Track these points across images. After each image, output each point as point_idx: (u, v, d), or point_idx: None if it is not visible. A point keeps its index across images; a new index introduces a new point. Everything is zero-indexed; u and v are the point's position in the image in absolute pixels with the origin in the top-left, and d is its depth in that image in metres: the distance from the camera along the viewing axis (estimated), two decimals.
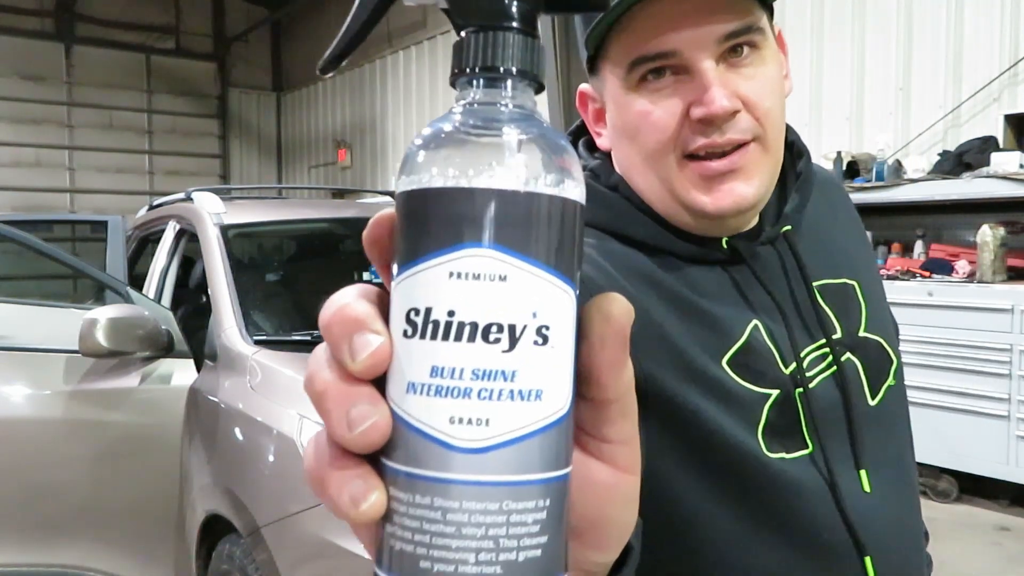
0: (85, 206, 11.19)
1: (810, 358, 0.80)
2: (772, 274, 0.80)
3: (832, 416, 0.79)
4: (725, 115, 0.70)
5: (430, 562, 0.28)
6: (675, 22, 0.69)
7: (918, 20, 5.24)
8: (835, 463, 0.77)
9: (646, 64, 0.72)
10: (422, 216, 0.29)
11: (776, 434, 0.75)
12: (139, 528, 2.60)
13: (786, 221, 0.82)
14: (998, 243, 4.22)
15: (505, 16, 0.31)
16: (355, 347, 0.31)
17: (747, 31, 0.71)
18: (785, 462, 0.75)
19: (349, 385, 0.31)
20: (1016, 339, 4.03)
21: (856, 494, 0.77)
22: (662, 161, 0.74)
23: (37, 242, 2.71)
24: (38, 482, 2.62)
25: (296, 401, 2.13)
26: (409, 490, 0.29)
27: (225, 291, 2.57)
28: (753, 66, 0.73)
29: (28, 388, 2.66)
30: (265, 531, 1.99)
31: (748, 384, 0.76)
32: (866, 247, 0.96)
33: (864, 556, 0.76)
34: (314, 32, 12.44)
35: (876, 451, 0.81)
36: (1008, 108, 4.70)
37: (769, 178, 0.76)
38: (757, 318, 0.78)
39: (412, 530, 0.29)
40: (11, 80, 11.00)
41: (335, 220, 3.48)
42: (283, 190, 9.51)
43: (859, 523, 0.76)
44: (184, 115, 12.55)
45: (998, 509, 4.21)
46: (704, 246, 0.78)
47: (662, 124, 0.73)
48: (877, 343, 0.85)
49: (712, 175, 0.73)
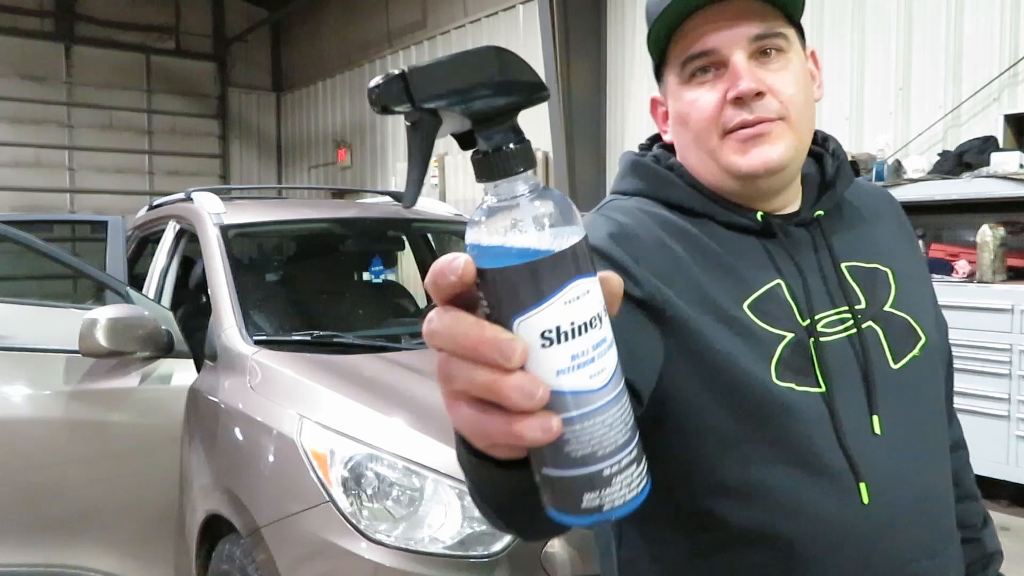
0: (85, 206, 11.18)
1: (829, 320, 0.91)
2: (802, 249, 0.94)
3: (847, 368, 0.90)
4: (751, 94, 0.88)
5: (587, 449, 0.46)
6: (715, 27, 0.89)
7: (918, 20, 5.24)
8: (845, 404, 0.88)
9: (694, 62, 0.91)
10: (537, 276, 0.45)
11: (788, 368, 0.88)
12: (139, 528, 2.60)
13: (820, 207, 0.97)
14: (998, 243, 4.22)
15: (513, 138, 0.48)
16: (507, 353, 0.43)
17: (773, 35, 0.90)
18: (793, 392, 0.87)
19: (513, 375, 0.44)
20: (1016, 339, 4.03)
21: (862, 430, 0.88)
22: (707, 138, 0.92)
23: (37, 242, 2.71)
24: (38, 482, 2.61)
25: (296, 401, 2.13)
26: (568, 424, 0.46)
27: (225, 291, 2.57)
28: (778, 64, 0.90)
29: (28, 388, 2.66)
30: (265, 531, 1.99)
31: (765, 325, 0.89)
32: (912, 251, 1.05)
33: (860, 482, 0.86)
34: (314, 32, 12.43)
35: (896, 406, 0.90)
36: (1008, 108, 4.70)
37: (794, 150, 0.91)
38: (781, 279, 0.92)
39: (572, 441, 0.46)
40: (11, 80, 10.99)
41: (335, 220, 3.48)
42: (283, 190, 9.51)
43: (858, 454, 0.86)
44: (184, 115, 12.54)
45: (998, 509, 4.21)
46: (742, 218, 0.94)
47: (707, 108, 0.91)
48: (903, 319, 0.95)
49: (745, 139, 0.90)
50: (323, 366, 2.31)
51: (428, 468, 1.87)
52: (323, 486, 1.90)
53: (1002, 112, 4.64)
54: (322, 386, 2.17)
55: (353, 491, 1.88)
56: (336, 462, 1.92)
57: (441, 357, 0.46)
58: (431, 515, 1.83)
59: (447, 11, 9.70)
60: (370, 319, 3.29)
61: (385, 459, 1.90)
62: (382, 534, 1.82)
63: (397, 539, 1.81)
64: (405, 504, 1.86)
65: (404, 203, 0.52)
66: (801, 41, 0.95)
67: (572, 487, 0.47)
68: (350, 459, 1.92)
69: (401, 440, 1.95)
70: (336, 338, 2.53)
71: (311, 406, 2.09)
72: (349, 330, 2.73)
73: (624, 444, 0.47)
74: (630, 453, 0.48)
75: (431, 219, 3.61)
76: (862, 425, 0.88)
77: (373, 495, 1.88)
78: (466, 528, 1.81)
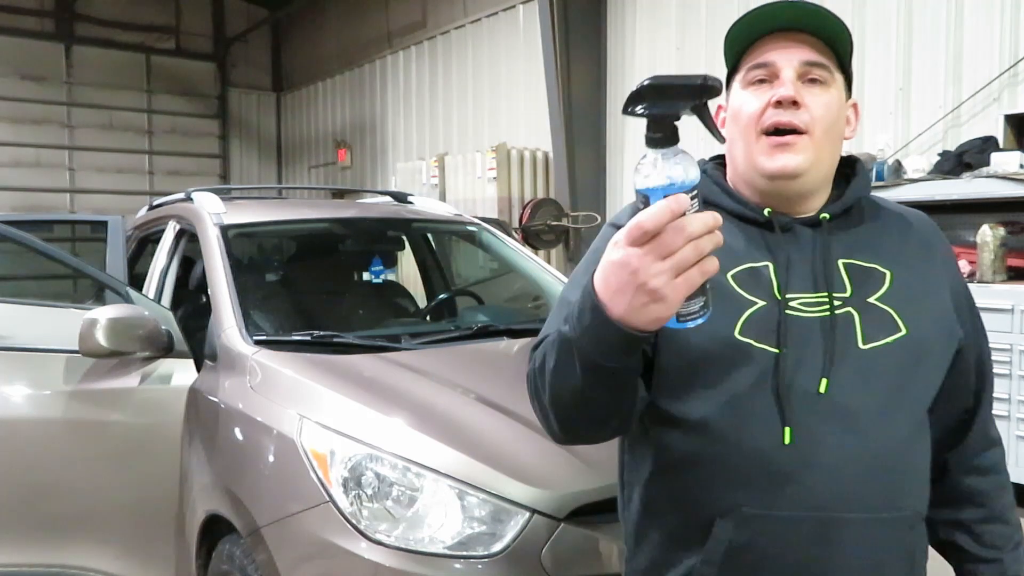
0: (85, 206, 11.19)
1: (807, 300, 1.07)
2: (800, 242, 1.10)
3: (811, 339, 1.05)
4: (789, 99, 1.06)
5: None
6: (778, 47, 1.09)
7: (918, 20, 5.24)
8: (797, 365, 1.03)
9: (755, 71, 1.11)
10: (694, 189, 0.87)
11: (752, 328, 1.05)
12: (139, 528, 2.60)
13: (826, 210, 1.13)
14: (998, 243, 4.22)
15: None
16: (712, 219, 0.83)
17: (820, 65, 1.09)
18: (751, 346, 1.04)
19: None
20: (1016, 339, 4.04)
21: (807, 387, 1.03)
22: (749, 134, 1.10)
23: (37, 242, 2.71)
24: (38, 482, 2.61)
25: (296, 401, 2.13)
26: None
27: (225, 291, 2.57)
28: (819, 91, 1.09)
29: (28, 388, 2.65)
30: (265, 531, 1.99)
31: (742, 291, 1.07)
32: (931, 267, 1.15)
33: (785, 425, 1.02)
34: (314, 32, 12.44)
35: (851, 377, 1.03)
36: (1008, 108, 4.70)
37: (811, 163, 1.08)
38: (771, 262, 1.09)
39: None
40: (11, 80, 11.00)
41: (335, 220, 3.48)
42: (283, 190, 9.51)
43: (794, 403, 1.02)
44: (184, 115, 12.55)
45: None
46: (750, 211, 1.12)
47: (754, 109, 1.10)
48: (885, 311, 1.08)
49: (775, 145, 1.08)
50: (323, 366, 2.30)
51: (428, 468, 1.87)
52: (323, 486, 1.90)
53: (1002, 112, 4.64)
54: (322, 386, 2.17)
55: (353, 491, 1.88)
56: (336, 462, 1.92)
57: (653, 254, 0.80)
58: (431, 515, 1.83)
59: (447, 11, 9.71)
60: (370, 319, 3.29)
61: (385, 459, 1.90)
62: (382, 534, 1.82)
63: (397, 539, 1.81)
64: (405, 504, 1.86)
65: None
66: (847, 89, 1.13)
67: (703, 297, 0.85)
68: (350, 459, 1.92)
69: (401, 440, 1.95)
70: (336, 338, 2.53)
71: (311, 406, 2.09)
72: (349, 330, 2.73)
73: None
74: None
75: (431, 219, 3.61)
76: (809, 384, 1.03)
77: (373, 495, 1.88)
78: (466, 528, 1.81)
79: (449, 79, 9.70)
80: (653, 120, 0.84)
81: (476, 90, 9.24)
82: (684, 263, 0.80)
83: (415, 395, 2.18)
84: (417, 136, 10.35)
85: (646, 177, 0.83)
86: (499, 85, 8.88)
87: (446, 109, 9.76)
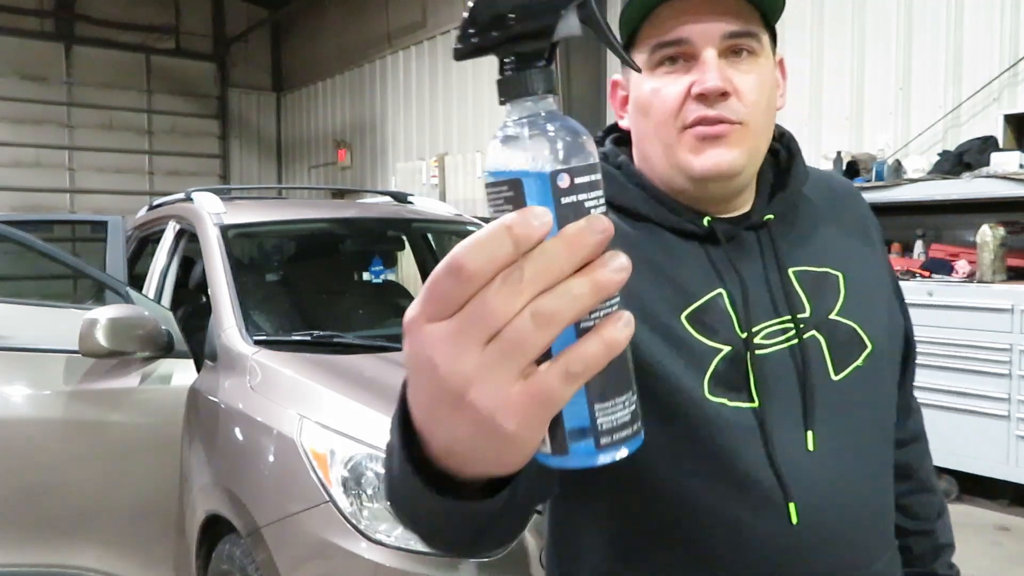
0: (85, 206, 11.18)
1: (770, 330, 0.88)
2: (748, 255, 0.91)
3: (784, 381, 0.87)
4: (716, 92, 0.84)
5: (626, 373, 0.46)
6: (690, 18, 0.85)
7: (918, 20, 5.23)
8: (779, 420, 0.85)
9: (664, 49, 0.87)
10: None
11: (720, 384, 0.85)
12: (139, 528, 2.60)
13: (770, 210, 0.93)
14: (998, 243, 4.22)
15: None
16: (602, 225, 0.42)
17: (747, 35, 0.86)
18: (725, 408, 0.84)
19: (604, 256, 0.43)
20: (1016, 339, 4.03)
21: (795, 446, 0.85)
22: (666, 131, 0.88)
23: (37, 242, 2.71)
24: (38, 482, 2.62)
25: (296, 401, 2.13)
26: None
27: (225, 291, 2.57)
28: (747, 66, 0.87)
29: (28, 388, 2.66)
30: (265, 531, 1.99)
31: (701, 337, 0.86)
32: (871, 251, 1.00)
33: (789, 501, 0.84)
34: (314, 32, 12.43)
35: (832, 420, 0.87)
36: (1008, 108, 4.69)
37: (749, 156, 0.88)
38: (723, 288, 0.88)
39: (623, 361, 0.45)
40: (11, 80, 10.99)
41: (335, 220, 3.48)
42: (283, 190, 9.51)
43: (790, 472, 0.84)
44: (184, 115, 12.54)
45: (998, 509, 4.21)
46: (687, 222, 0.91)
47: (669, 99, 0.87)
48: (849, 327, 0.91)
49: (703, 136, 0.86)
50: (323, 366, 2.30)
51: None
52: (323, 486, 1.90)
53: (1002, 112, 4.64)
54: (322, 386, 2.17)
55: (353, 491, 1.88)
56: (336, 462, 1.92)
57: (469, 332, 0.40)
58: None
59: (447, 11, 9.70)
60: (370, 319, 3.29)
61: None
62: (382, 534, 1.82)
63: (397, 539, 1.81)
64: None
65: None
66: (773, 46, 0.92)
67: (617, 416, 0.44)
68: (350, 459, 1.92)
69: None
70: (336, 338, 2.53)
71: (311, 406, 2.09)
72: (349, 330, 2.73)
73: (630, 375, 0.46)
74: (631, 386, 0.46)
75: (431, 219, 3.61)
76: (795, 441, 0.85)
77: (373, 495, 1.88)
78: None
79: (449, 79, 9.70)
80: (509, 47, 0.45)
81: (476, 90, 9.24)
82: (533, 345, 0.39)
83: None
84: (417, 136, 10.35)
85: (496, 158, 0.44)
86: None
87: (446, 109, 9.76)
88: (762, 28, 0.88)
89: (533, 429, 0.41)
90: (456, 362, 0.40)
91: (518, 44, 0.45)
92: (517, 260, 0.39)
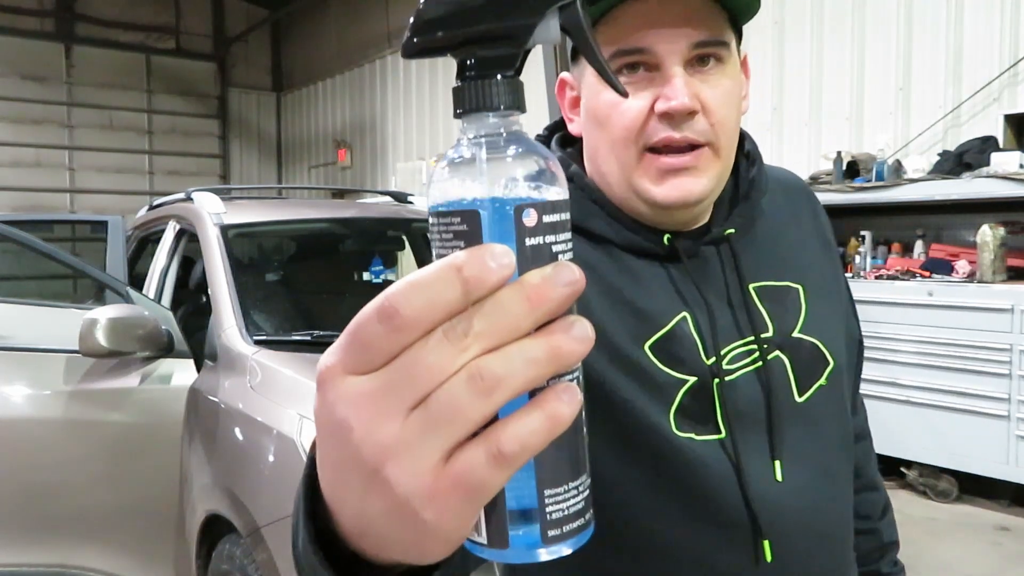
0: (85, 206, 11.19)
1: (735, 353, 0.84)
2: (710, 273, 0.86)
3: (751, 408, 0.83)
4: (684, 112, 0.77)
5: (581, 457, 0.38)
6: (654, 23, 0.77)
7: (918, 20, 5.24)
8: (747, 450, 0.82)
9: (623, 57, 0.79)
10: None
11: (687, 417, 0.81)
12: (139, 528, 2.60)
13: (731, 224, 0.88)
14: (998, 243, 4.22)
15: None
16: (573, 276, 0.35)
17: (715, 44, 0.79)
18: (693, 443, 0.80)
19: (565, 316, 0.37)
20: (1016, 339, 4.03)
21: (765, 480, 0.82)
22: (625, 151, 0.81)
23: (37, 242, 2.71)
24: (38, 482, 2.62)
25: (296, 401, 2.13)
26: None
27: (225, 291, 2.57)
28: (716, 77, 0.80)
29: (28, 388, 2.66)
30: (265, 531, 1.99)
31: (666, 368, 0.81)
32: (827, 254, 0.98)
33: (762, 539, 0.81)
34: (314, 32, 12.44)
35: (798, 446, 0.85)
36: (1008, 108, 4.70)
37: (717, 180, 0.83)
38: (687, 311, 0.84)
39: (580, 443, 0.39)
40: (11, 80, 10.99)
41: (335, 220, 3.48)
42: (283, 190, 9.51)
43: (762, 508, 0.81)
44: (184, 115, 12.54)
45: (998, 509, 4.21)
46: (646, 241, 0.85)
47: (630, 116, 0.79)
48: (811, 344, 0.88)
49: (667, 169, 0.80)
50: None
51: None
52: None
53: (1002, 112, 4.64)
54: None
55: None
56: None
57: (394, 395, 0.33)
58: None
59: None
60: None
61: None
62: None
63: None
64: None
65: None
66: (738, 46, 0.85)
67: (569, 503, 0.37)
68: None
69: None
70: (336, 338, 2.53)
71: (311, 406, 2.09)
72: None
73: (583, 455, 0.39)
74: (583, 472, 0.38)
75: None
76: (764, 473, 0.82)
77: None
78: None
79: (449, 79, 9.68)
80: (472, 49, 0.38)
81: None
82: (468, 419, 0.32)
83: None
84: (417, 136, 10.35)
85: (446, 183, 0.37)
86: None
87: (446, 109, 9.76)
88: (730, 31, 0.81)
89: (457, 519, 0.33)
90: (375, 427, 0.33)
91: (484, 46, 0.37)
92: (464, 310, 0.32)
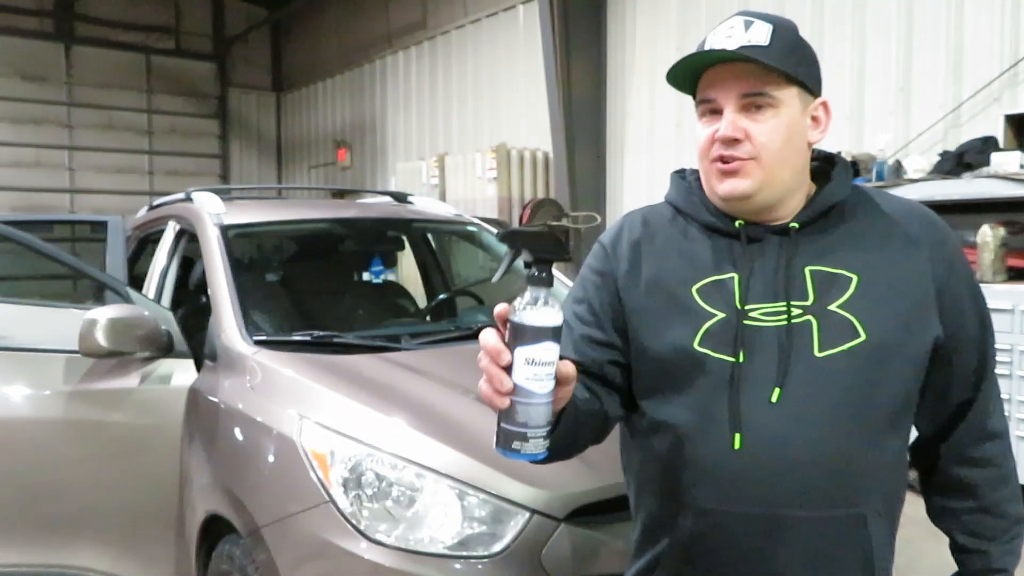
0: (85, 206, 11.19)
1: (769, 311, 1.14)
2: (766, 251, 1.17)
3: (767, 348, 1.12)
4: (727, 139, 1.14)
5: (523, 419, 0.97)
6: (718, 81, 1.16)
7: (918, 20, 5.24)
8: (753, 374, 1.11)
9: (702, 104, 1.19)
10: (530, 334, 0.95)
11: (711, 339, 1.14)
12: (139, 528, 2.60)
13: (796, 219, 1.18)
14: (998, 243, 4.22)
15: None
16: (503, 358, 0.96)
17: (759, 95, 1.13)
18: (709, 356, 1.13)
19: (502, 373, 0.95)
20: (1016, 339, 4.03)
21: (759, 397, 1.11)
22: (703, 162, 1.20)
23: (37, 242, 2.70)
24: (38, 482, 2.61)
25: (296, 401, 2.13)
26: (520, 404, 0.97)
27: (225, 291, 2.57)
28: (764, 116, 1.14)
29: (28, 388, 2.65)
30: (265, 531, 1.99)
31: (704, 304, 1.16)
32: (911, 263, 1.16)
33: (735, 432, 1.11)
34: (314, 32, 12.44)
35: (805, 386, 1.10)
36: (1008, 108, 4.70)
37: (761, 183, 1.15)
38: (736, 272, 1.16)
39: (520, 413, 0.97)
40: (11, 80, 11.00)
41: (335, 220, 3.47)
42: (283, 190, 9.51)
43: (747, 412, 1.10)
44: (184, 115, 12.55)
45: None
46: (720, 223, 1.20)
47: (703, 140, 1.19)
48: (843, 317, 1.12)
49: (721, 171, 1.17)
50: (323, 366, 2.30)
51: (428, 468, 1.87)
52: (323, 486, 1.90)
53: (1002, 112, 4.64)
54: (322, 386, 2.17)
55: (353, 491, 1.88)
56: (336, 462, 1.92)
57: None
58: (431, 515, 1.83)
59: (447, 11, 9.71)
60: (370, 319, 3.29)
61: (385, 459, 1.90)
62: (382, 534, 1.82)
63: (397, 539, 1.81)
64: (405, 504, 1.86)
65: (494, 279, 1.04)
66: (809, 95, 1.17)
67: (511, 436, 0.96)
68: (350, 459, 1.92)
69: (401, 440, 1.95)
70: (336, 338, 2.53)
71: (311, 406, 2.09)
72: (349, 330, 2.73)
73: (542, 426, 0.97)
74: (542, 431, 0.97)
75: (431, 219, 3.61)
76: (762, 393, 1.11)
77: (373, 495, 1.88)
78: (466, 528, 1.81)
79: (449, 79, 9.70)
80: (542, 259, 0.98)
81: (476, 90, 9.24)
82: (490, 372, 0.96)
83: (415, 395, 2.18)
84: (417, 136, 10.35)
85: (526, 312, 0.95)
86: (499, 85, 8.88)
87: (446, 109, 9.76)
88: (782, 86, 1.13)
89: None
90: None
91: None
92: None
